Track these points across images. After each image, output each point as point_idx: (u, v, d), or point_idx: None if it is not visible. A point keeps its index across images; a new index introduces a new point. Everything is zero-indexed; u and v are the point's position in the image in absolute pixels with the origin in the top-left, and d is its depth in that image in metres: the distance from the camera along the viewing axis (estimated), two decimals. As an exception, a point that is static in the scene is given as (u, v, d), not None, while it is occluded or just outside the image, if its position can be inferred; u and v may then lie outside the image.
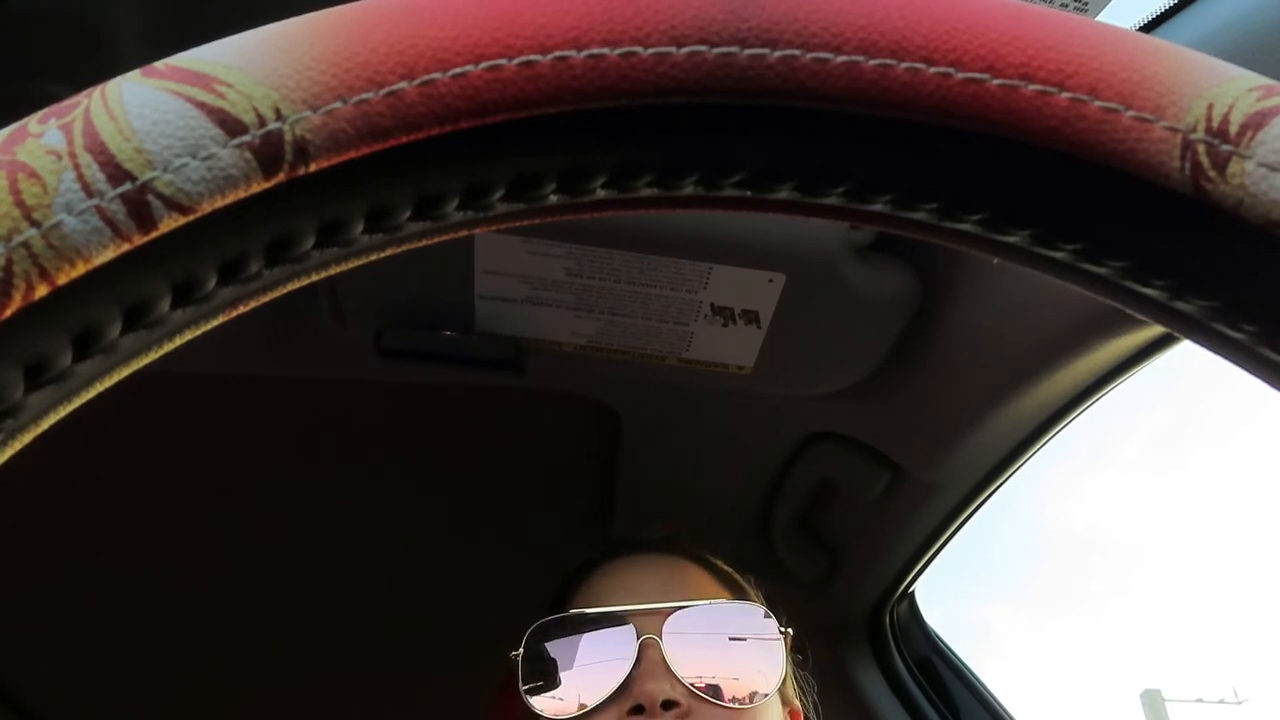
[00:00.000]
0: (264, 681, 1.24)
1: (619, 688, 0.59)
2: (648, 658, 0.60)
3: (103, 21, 0.51)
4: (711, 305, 0.68)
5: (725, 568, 0.72)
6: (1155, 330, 0.61)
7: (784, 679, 0.64)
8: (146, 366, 0.19)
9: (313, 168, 0.16)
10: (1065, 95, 0.17)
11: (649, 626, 0.61)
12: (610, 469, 0.95)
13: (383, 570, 1.11)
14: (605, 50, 0.17)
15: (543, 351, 0.72)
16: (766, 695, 0.62)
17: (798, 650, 0.68)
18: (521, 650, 0.63)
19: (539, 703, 0.61)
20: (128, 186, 0.15)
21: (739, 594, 0.69)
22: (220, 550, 1.06)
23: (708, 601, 0.63)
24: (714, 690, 0.59)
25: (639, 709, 0.58)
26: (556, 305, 0.68)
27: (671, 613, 0.61)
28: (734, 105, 0.18)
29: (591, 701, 0.59)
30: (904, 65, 0.17)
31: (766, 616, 0.65)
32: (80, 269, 0.15)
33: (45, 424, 0.17)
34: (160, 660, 1.19)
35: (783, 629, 0.65)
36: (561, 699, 0.60)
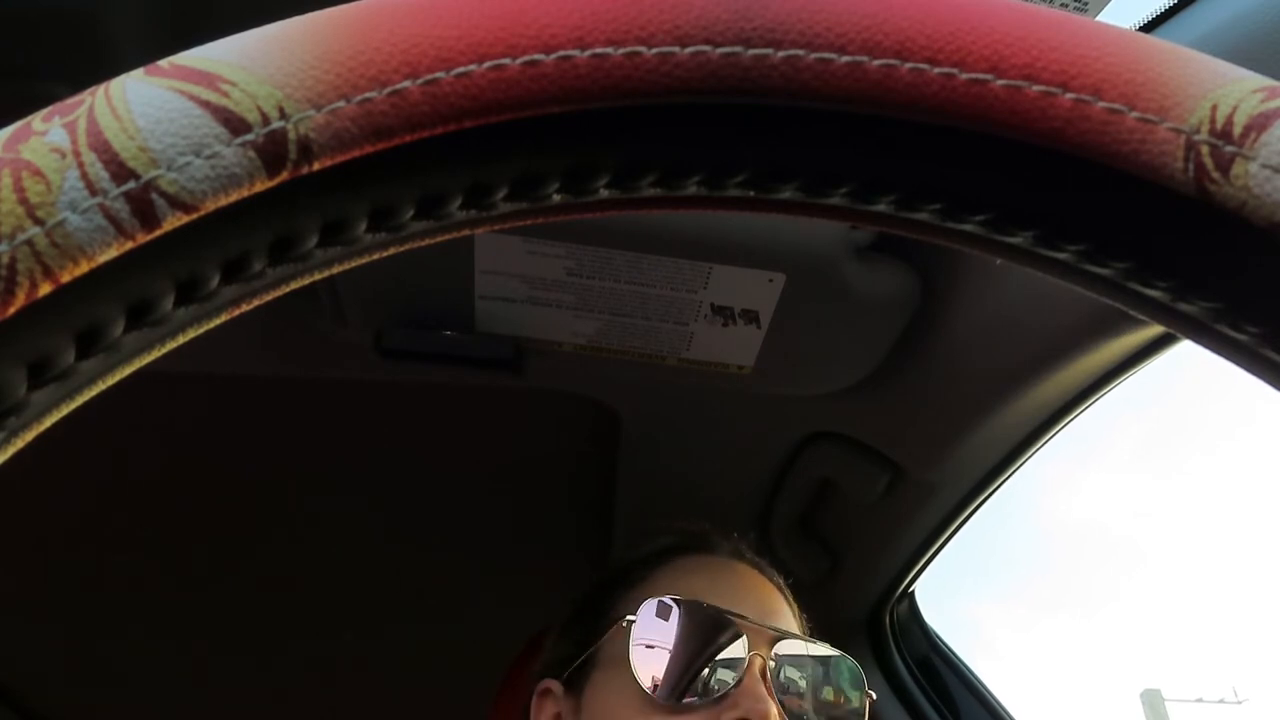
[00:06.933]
0: (262, 681, 1.25)
1: (723, 694, 0.60)
2: (753, 674, 0.61)
3: (103, 21, 0.50)
4: (711, 305, 0.68)
5: (797, 605, 0.73)
6: (1155, 330, 0.61)
7: None
8: (147, 366, 0.19)
9: (316, 167, 0.16)
10: (1069, 96, 0.17)
11: (757, 643, 0.63)
12: (610, 469, 0.95)
13: (382, 570, 1.11)
14: (609, 50, 0.17)
15: (543, 351, 0.72)
16: None
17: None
18: (635, 618, 0.63)
19: (645, 679, 0.61)
20: (131, 185, 0.15)
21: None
22: (220, 550, 1.06)
23: (816, 643, 0.65)
24: None
25: None
26: (556, 305, 0.68)
27: (780, 638, 0.63)
28: (738, 105, 0.18)
29: (693, 698, 0.60)
30: (908, 66, 0.17)
31: (860, 680, 0.66)
32: (84, 267, 0.15)
33: (47, 422, 0.17)
34: (160, 660, 1.19)
35: (867, 692, 0.66)
36: (661, 683, 0.61)
